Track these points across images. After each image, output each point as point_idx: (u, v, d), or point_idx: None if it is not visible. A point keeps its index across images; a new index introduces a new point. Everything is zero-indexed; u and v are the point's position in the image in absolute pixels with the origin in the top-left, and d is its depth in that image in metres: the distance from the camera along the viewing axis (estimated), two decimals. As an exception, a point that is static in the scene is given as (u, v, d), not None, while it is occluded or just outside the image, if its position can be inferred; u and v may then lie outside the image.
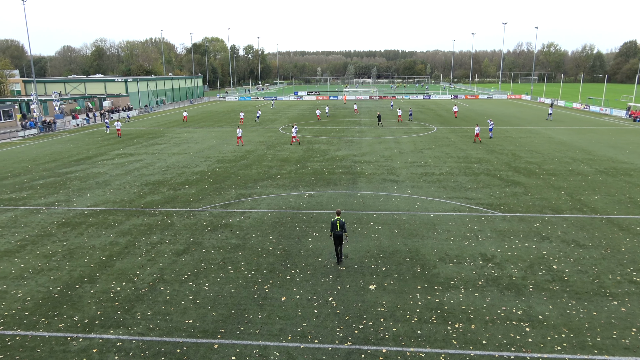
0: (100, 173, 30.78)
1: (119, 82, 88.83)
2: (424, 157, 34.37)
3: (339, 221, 15.60)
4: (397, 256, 16.37)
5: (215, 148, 40.11)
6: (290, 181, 27.28)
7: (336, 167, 31.13)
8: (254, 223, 19.98)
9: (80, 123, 62.25)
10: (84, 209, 22.66)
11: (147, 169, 31.86)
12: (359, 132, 48.74)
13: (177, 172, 30.43)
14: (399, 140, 42.59)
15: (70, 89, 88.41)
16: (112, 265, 16.03)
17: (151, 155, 37.03)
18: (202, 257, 16.54)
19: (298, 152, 37.19)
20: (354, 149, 38.03)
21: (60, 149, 41.52)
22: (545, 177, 27.54)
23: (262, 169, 31.01)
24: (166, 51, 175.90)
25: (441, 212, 21.01)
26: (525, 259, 16.07)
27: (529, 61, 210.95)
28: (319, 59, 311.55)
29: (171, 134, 50.62)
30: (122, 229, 19.66)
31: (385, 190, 24.84)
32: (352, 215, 20.80)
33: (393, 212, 21.05)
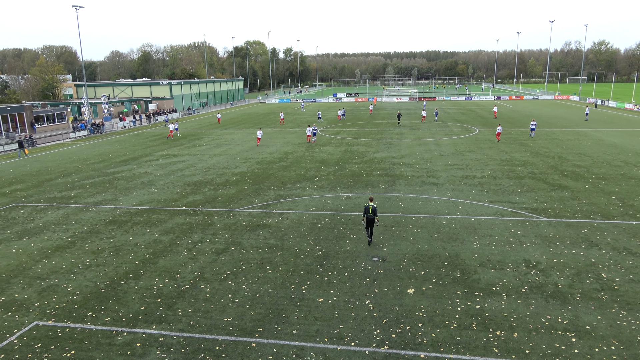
0: (145, 173, 31.84)
1: (163, 85, 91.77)
2: (465, 159, 33.66)
3: (372, 206, 17.30)
4: (436, 260, 16.09)
5: (255, 150, 40.71)
6: (328, 183, 27.34)
7: (374, 169, 30.95)
8: (292, 224, 20.13)
9: (127, 125, 64.71)
10: (129, 207, 23.51)
11: (189, 169, 32.72)
12: (398, 134, 48.26)
13: (217, 173, 31.09)
14: (439, 142, 41.90)
15: (118, 92, 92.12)
16: (156, 263, 16.55)
17: (193, 157, 38.01)
18: (241, 257, 16.82)
19: (336, 153, 37.24)
20: (393, 151, 37.70)
21: (108, 150, 43.29)
22: (594, 181, 26.38)
23: (301, 170, 31.22)
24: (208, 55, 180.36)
25: (483, 216, 20.50)
26: (572, 267, 15.43)
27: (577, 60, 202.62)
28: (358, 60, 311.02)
29: (212, 135, 51.78)
30: (165, 227, 20.26)
31: (424, 193, 24.50)
32: (391, 217, 20.61)
33: (432, 216, 20.72)
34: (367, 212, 17.33)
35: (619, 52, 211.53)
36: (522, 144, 40.24)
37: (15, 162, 38.27)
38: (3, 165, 37.12)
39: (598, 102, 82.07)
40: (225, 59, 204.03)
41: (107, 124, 62.17)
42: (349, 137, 46.77)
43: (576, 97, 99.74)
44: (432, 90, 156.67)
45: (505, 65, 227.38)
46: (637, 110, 70.71)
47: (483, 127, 52.73)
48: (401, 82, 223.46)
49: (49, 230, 20.42)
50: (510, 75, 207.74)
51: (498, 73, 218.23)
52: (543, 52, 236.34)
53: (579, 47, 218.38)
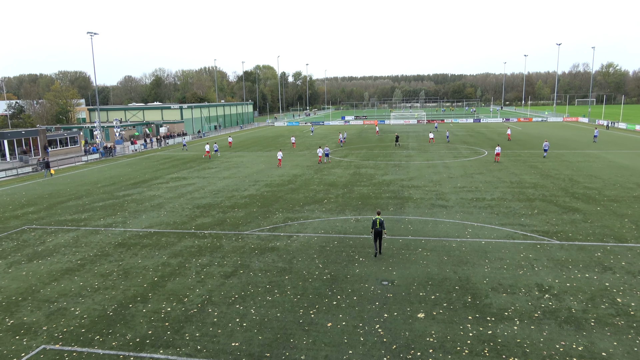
0: (155, 196, 32.04)
1: (174, 109, 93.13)
2: (474, 181, 33.49)
3: (379, 220, 18.25)
4: (446, 284, 15.86)
5: (264, 172, 40.89)
6: (336, 205, 27.28)
7: (383, 191, 30.87)
8: (301, 247, 20.04)
9: (138, 148, 65.47)
10: (139, 230, 23.57)
11: (198, 192, 32.87)
12: (407, 157, 48.26)
13: (226, 196, 31.18)
14: (448, 165, 41.79)
15: (130, 116, 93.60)
16: (164, 286, 16.49)
17: (203, 179, 38.23)
18: (250, 280, 16.71)
19: (345, 176, 37.26)
20: (402, 174, 37.65)
21: (119, 173, 43.72)
22: (606, 204, 26.03)
23: (309, 193, 31.23)
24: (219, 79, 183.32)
25: (493, 239, 20.26)
26: (586, 291, 15.10)
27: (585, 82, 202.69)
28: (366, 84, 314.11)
29: (222, 158, 52.16)
30: (174, 250, 20.25)
31: (433, 216, 24.32)
32: (400, 241, 20.44)
33: (442, 239, 20.53)
34: (375, 225, 18.26)
35: (628, 74, 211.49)
36: (531, 166, 40.01)
37: (28, 185, 38.76)
38: (16, 188, 37.60)
39: (609, 124, 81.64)
40: (235, 83, 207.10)
41: (118, 147, 62.98)
42: (357, 160, 46.82)
43: (585, 118, 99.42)
44: (441, 113, 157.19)
45: (513, 88, 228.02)
46: (647, 131, 70.20)
47: (492, 149, 52.57)
48: (409, 104, 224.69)
49: (59, 252, 20.51)
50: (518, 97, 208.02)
51: (506, 95, 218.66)
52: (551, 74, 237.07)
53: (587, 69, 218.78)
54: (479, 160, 44.10)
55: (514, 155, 46.68)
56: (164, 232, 23.01)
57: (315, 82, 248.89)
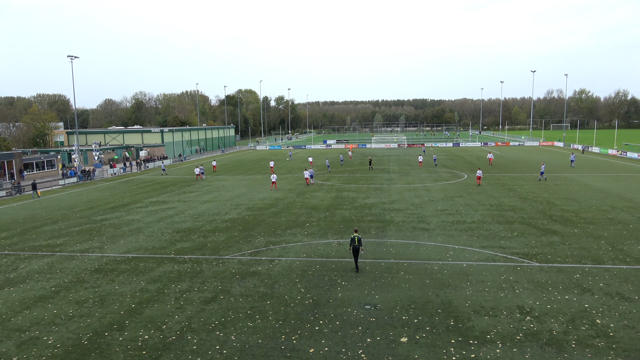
0: (134, 220, 31.49)
1: (155, 132, 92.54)
2: (454, 204, 33.85)
3: (357, 237, 19.23)
4: (429, 307, 15.82)
5: (246, 196, 40.66)
6: (319, 229, 27.21)
7: (365, 214, 30.94)
8: (283, 271, 19.85)
9: (117, 172, 64.57)
10: (116, 255, 23.06)
11: (178, 216, 32.45)
12: (388, 180, 48.64)
13: (207, 220, 30.85)
14: (429, 188, 42.23)
15: (109, 139, 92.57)
16: (141, 313, 16.06)
17: (183, 203, 37.80)
18: (230, 306, 16.41)
19: (327, 199, 37.28)
20: (383, 197, 37.87)
21: (97, 197, 42.94)
22: (583, 226, 26.54)
23: (291, 216, 31.12)
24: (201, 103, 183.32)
25: (474, 262, 20.39)
26: (566, 313, 15.23)
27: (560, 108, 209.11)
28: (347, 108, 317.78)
29: (203, 182, 51.77)
30: (153, 276, 19.83)
31: (415, 239, 24.42)
32: (382, 264, 20.41)
33: (424, 262, 20.58)
34: (353, 242, 19.24)
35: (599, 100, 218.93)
36: (510, 189, 40.70)
37: (2, 210, 37.71)
38: (-11, 212, 36.54)
39: (585, 149, 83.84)
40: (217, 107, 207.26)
41: (97, 170, 62.02)
42: (339, 183, 47.00)
43: (561, 143, 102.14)
44: (421, 137, 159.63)
45: (491, 113, 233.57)
46: (620, 155, 72.41)
47: (471, 172, 53.39)
48: (390, 129, 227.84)
49: (32, 279, 19.86)
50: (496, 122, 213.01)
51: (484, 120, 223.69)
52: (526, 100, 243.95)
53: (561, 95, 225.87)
54: (459, 184, 44.68)
55: (492, 178, 47.46)
56: (143, 257, 22.56)
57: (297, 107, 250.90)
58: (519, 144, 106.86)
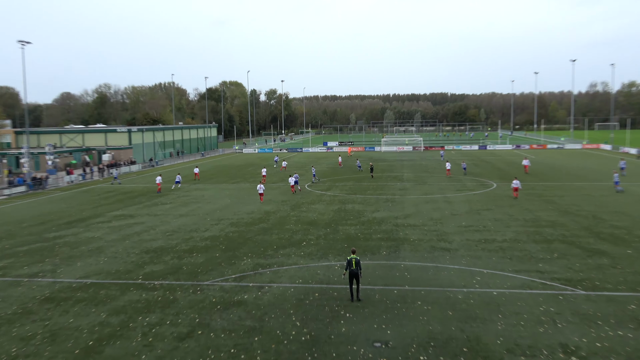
0: (94, 238, 31.31)
1: (121, 132, 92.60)
2: (482, 219, 33.74)
3: (355, 259, 19.07)
4: (452, 345, 15.63)
5: (230, 209, 40.52)
6: (318, 249, 27.07)
7: (374, 231, 30.82)
8: (274, 300, 19.68)
9: (75, 179, 64.46)
10: (72, 281, 22.86)
11: (148, 233, 32.27)
12: (402, 190, 48.54)
13: (183, 237, 30.68)
14: (450, 200, 42.13)
15: (66, 140, 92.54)
16: (101, 352, 15.84)
17: (154, 217, 37.64)
18: (210, 343, 16.21)
19: (328, 213, 37.15)
20: (396, 210, 37.75)
21: (50, 210, 42.76)
22: (637, 246, 26.39)
23: (285, 233, 30.97)
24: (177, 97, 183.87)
25: (506, 289, 20.24)
26: (620, 352, 15.02)
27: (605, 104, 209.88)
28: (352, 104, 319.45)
29: (178, 192, 51.65)
30: (116, 306, 19.62)
31: (434, 261, 24.28)
32: (394, 292, 20.24)
33: (445, 289, 20.43)
34: (350, 265, 19.11)
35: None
36: (548, 200, 40.61)
37: None
38: None
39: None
40: (196, 102, 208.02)
41: (51, 178, 61.90)
42: (342, 193, 46.87)
43: (608, 145, 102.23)
44: (440, 138, 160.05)
45: (524, 109, 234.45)
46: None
47: (501, 181, 53.34)
48: (402, 128, 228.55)
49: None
50: (530, 120, 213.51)
51: (515, 118, 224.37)
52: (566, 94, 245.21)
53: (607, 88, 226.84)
54: (486, 194, 44.58)
55: (527, 188, 47.38)
56: (104, 284, 22.36)
57: (292, 102, 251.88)
58: (558, 147, 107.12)
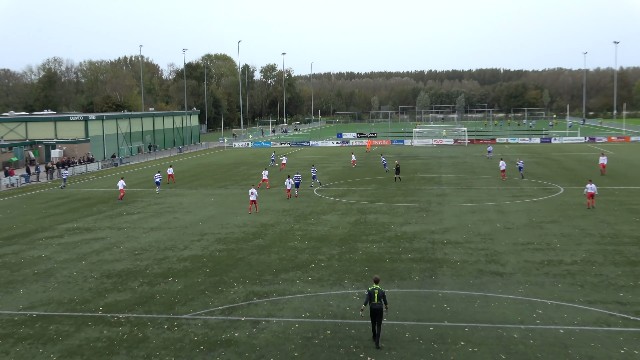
0: (41, 258, 31.53)
1: (75, 120, 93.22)
2: (544, 235, 33.63)
3: (377, 291, 18.77)
4: (505, 399, 15.60)
5: (216, 220, 40.67)
6: (330, 273, 27.11)
7: (403, 250, 30.82)
8: (273, 339, 19.76)
9: (16, 182, 64.94)
10: (13, 313, 23.02)
11: (110, 251, 32.46)
12: (439, 196, 48.45)
13: (155, 257, 30.83)
14: (503, 209, 42.00)
15: (4, 131, 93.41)
16: (51, 405, 15.96)
17: (118, 231, 37.86)
18: (190, 395, 16.28)
19: (343, 226, 37.15)
20: (432, 222, 37.72)
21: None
22: None
23: (287, 253, 31.05)
24: (147, 76, 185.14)
25: (576, 326, 20.19)
26: None
27: None
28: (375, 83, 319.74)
29: (149, 198, 51.87)
30: (69, 345, 19.78)
31: (482, 289, 24.25)
32: (430, 329, 20.25)
33: (497, 326, 20.42)
34: (372, 298, 18.73)
35: None
36: (631, 210, 40.42)
37: None
38: None
39: None
40: (172, 82, 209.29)
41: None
42: (362, 200, 46.87)
43: None
44: (490, 128, 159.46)
45: (599, 91, 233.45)
46: None
47: (570, 184, 53.05)
48: (440, 115, 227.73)
49: None
50: (608, 105, 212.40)
51: (589, 102, 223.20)
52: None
53: None
54: (551, 202, 44.40)
55: (604, 194, 47.14)
56: (54, 316, 22.51)
57: (296, 81, 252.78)
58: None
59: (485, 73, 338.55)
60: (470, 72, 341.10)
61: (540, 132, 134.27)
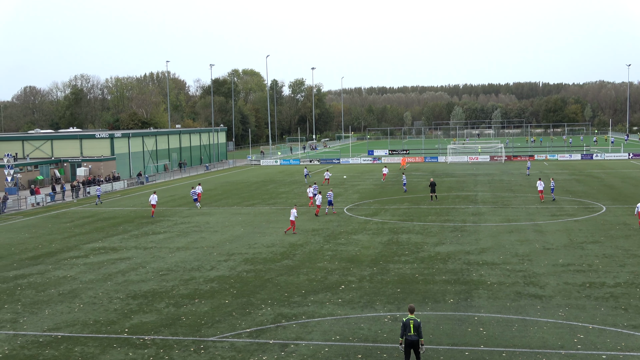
0: (67, 278, 31.94)
1: (101, 138, 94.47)
2: (586, 255, 33.26)
3: (413, 321, 18.11)
4: None
5: (243, 240, 40.88)
6: (361, 294, 27.08)
7: (437, 272, 30.71)
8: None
9: (41, 201, 65.91)
10: (38, 334, 23.28)
11: (136, 272, 32.78)
12: (475, 215, 48.15)
13: (182, 278, 31.06)
14: (542, 228, 41.60)
15: (31, 149, 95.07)
16: None
17: (144, 251, 38.23)
18: (217, 419, 16.34)
19: (374, 246, 37.09)
20: (467, 243, 37.51)
21: (9, 241, 43.83)
22: None
23: (317, 274, 31.08)
24: (173, 92, 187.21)
25: (620, 352, 19.89)
26: None
27: None
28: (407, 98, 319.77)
29: (176, 217, 52.32)
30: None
31: (520, 312, 24.05)
32: (466, 354, 20.11)
33: (536, 351, 20.22)
34: (407, 329, 18.16)
35: None
36: None
37: None
38: None
39: None
40: (199, 98, 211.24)
41: (10, 198, 63.49)
42: (394, 220, 46.76)
43: None
44: (530, 145, 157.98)
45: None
46: None
47: (613, 202, 52.35)
48: (476, 131, 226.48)
49: None
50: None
51: (633, 117, 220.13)
52: None
53: None
54: (593, 221, 43.87)
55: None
56: (79, 338, 22.73)
57: (326, 97, 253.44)
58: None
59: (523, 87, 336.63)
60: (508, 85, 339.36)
61: (581, 148, 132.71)
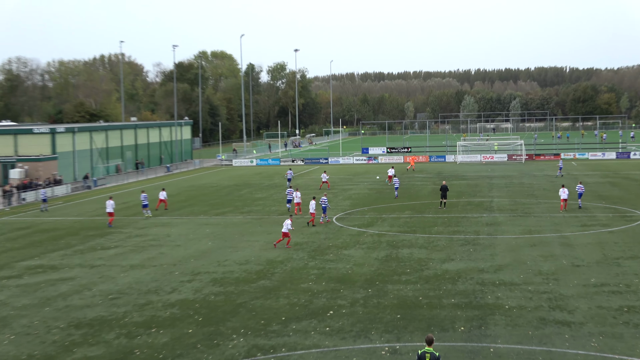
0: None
1: (40, 134, 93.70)
2: (622, 274, 33.40)
3: (430, 354, 18.11)
4: None
5: (211, 256, 40.76)
6: (353, 321, 27.02)
7: (445, 293, 30.73)
8: (281, 407, 19.60)
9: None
10: (-41, 372, 23.08)
11: (80, 295, 32.57)
12: (490, 225, 48.24)
13: (136, 303, 30.89)
14: (570, 241, 41.72)
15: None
16: None
17: (90, 270, 38.00)
18: None
19: (369, 263, 37.02)
20: (481, 258, 37.57)
21: None
22: None
23: (300, 296, 31.03)
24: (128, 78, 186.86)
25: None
26: None
27: None
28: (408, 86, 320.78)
29: (129, 229, 52.09)
30: (27, 413, 19.74)
31: (545, 342, 24.04)
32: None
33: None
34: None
35: None
36: None
37: None
38: None
39: None
40: (159, 86, 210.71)
41: None
42: (393, 231, 46.79)
43: None
44: (556, 141, 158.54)
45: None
46: None
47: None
48: (491, 125, 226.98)
49: None
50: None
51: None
52: None
53: None
54: (630, 232, 44.11)
55: (698, 221, 46.71)
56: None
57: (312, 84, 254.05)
58: None
59: (546, 72, 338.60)
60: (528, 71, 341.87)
61: (616, 145, 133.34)
